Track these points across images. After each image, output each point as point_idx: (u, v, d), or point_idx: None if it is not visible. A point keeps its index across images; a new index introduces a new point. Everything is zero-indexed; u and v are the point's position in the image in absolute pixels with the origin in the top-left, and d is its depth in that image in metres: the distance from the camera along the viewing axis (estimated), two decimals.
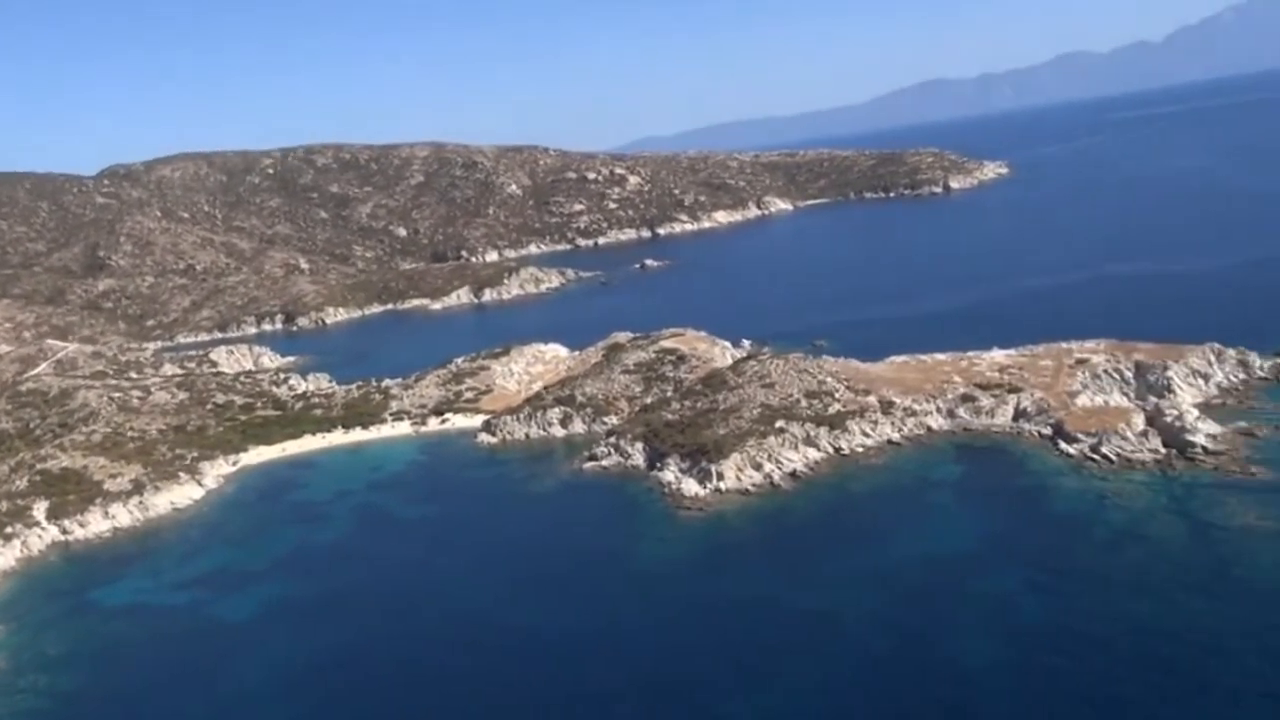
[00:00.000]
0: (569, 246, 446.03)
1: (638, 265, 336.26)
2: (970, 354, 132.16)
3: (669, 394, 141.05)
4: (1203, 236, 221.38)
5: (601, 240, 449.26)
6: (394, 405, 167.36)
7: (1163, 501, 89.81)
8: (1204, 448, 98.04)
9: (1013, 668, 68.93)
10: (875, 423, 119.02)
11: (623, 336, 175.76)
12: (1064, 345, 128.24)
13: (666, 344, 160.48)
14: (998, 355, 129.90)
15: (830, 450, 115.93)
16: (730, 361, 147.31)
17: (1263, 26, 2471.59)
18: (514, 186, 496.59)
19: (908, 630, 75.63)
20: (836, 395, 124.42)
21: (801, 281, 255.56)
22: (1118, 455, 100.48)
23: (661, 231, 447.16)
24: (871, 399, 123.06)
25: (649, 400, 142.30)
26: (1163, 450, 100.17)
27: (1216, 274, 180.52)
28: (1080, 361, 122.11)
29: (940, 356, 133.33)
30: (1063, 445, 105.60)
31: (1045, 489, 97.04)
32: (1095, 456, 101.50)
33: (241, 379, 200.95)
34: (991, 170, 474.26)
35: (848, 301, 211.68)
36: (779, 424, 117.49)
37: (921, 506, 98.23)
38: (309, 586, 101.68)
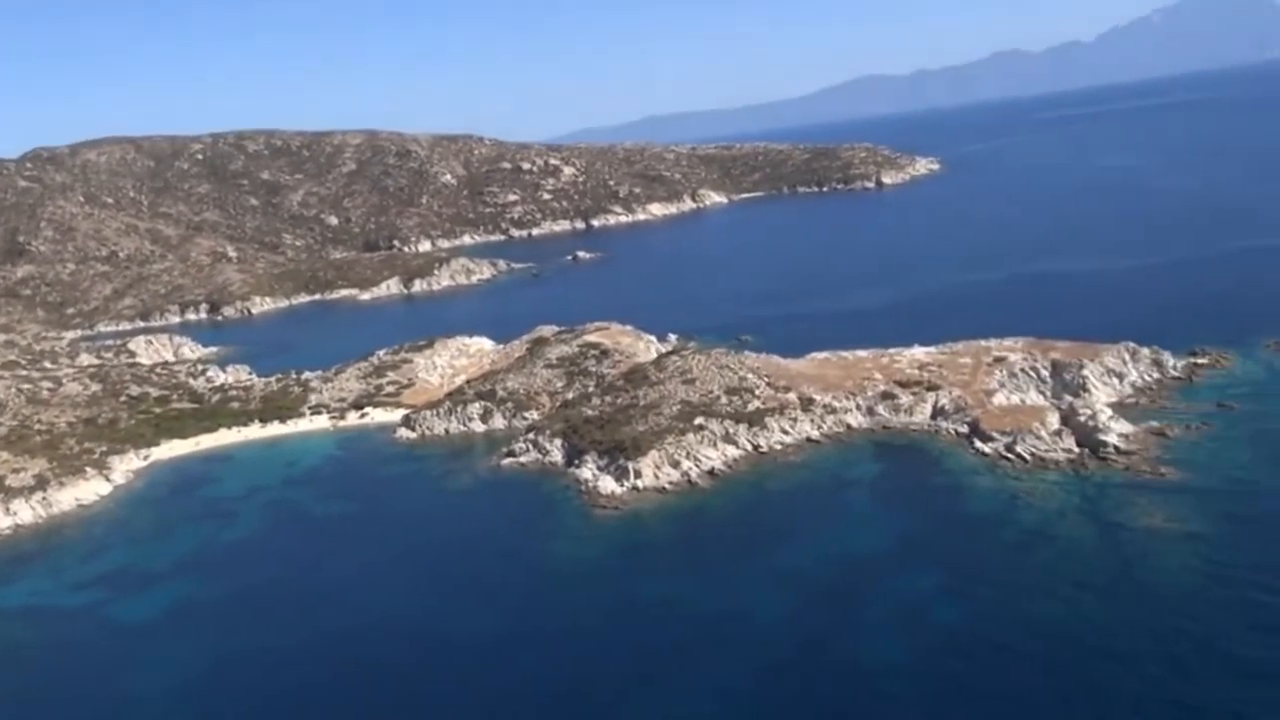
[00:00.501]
0: (503, 237, 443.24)
1: (570, 257, 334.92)
2: (892, 350, 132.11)
3: (591, 389, 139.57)
4: (1124, 235, 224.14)
5: (535, 231, 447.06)
6: (313, 399, 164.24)
7: (1074, 502, 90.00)
8: (1116, 447, 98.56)
9: (919, 672, 68.40)
10: (795, 420, 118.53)
11: (547, 330, 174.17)
12: (983, 343, 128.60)
13: (590, 338, 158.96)
14: (918, 352, 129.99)
15: (749, 448, 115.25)
16: (654, 356, 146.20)
17: (1189, 29, 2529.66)
18: (448, 176, 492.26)
19: (818, 632, 74.93)
20: (757, 392, 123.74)
21: (731, 275, 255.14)
22: (1032, 454, 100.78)
23: (596, 223, 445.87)
24: (792, 396, 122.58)
25: (570, 395, 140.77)
26: (1076, 450, 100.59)
27: (1135, 272, 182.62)
28: (998, 359, 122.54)
29: (862, 353, 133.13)
30: (978, 444, 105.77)
31: (960, 488, 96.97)
32: (1010, 456, 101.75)
33: (158, 370, 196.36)
34: (923, 166, 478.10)
35: (776, 296, 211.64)
36: (698, 421, 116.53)
37: (837, 506, 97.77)
38: (214, 587, 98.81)
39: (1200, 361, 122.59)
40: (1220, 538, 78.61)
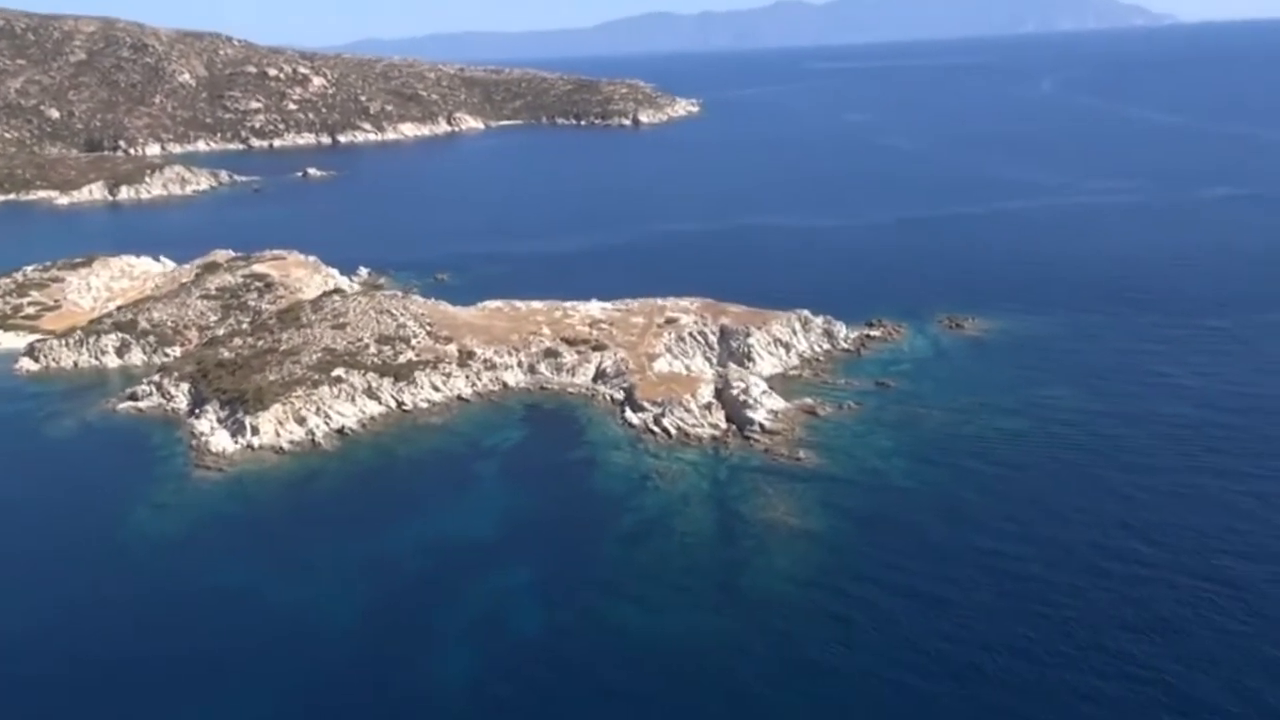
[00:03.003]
0: (241, 146, 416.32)
1: (300, 173, 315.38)
2: (568, 304, 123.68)
3: (244, 326, 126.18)
4: (843, 193, 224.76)
5: (277, 143, 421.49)
6: None
7: (703, 487, 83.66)
8: (762, 426, 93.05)
9: (474, 692, 60.23)
10: (448, 375, 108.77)
11: (222, 255, 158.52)
12: (659, 301, 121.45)
13: (260, 268, 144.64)
14: (594, 307, 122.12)
15: (392, 404, 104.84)
16: (318, 294, 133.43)
17: None
18: (187, 75, 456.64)
19: (381, 636, 65.40)
20: (414, 342, 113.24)
21: (456, 207, 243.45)
22: (678, 429, 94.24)
23: (343, 139, 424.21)
24: (451, 348, 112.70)
25: (221, 332, 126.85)
26: (724, 426, 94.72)
27: (841, 232, 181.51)
28: (670, 321, 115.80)
29: (536, 304, 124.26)
30: (629, 414, 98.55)
31: (595, 464, 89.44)
32: (656, 429, 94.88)
33: None
34: (683, 107, 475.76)
35: (493, 232, 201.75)
36: (338, 372, 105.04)
37: (461, 479, 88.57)
38: None
39: (873, 334, 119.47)
40: (831, 539, 73.34)
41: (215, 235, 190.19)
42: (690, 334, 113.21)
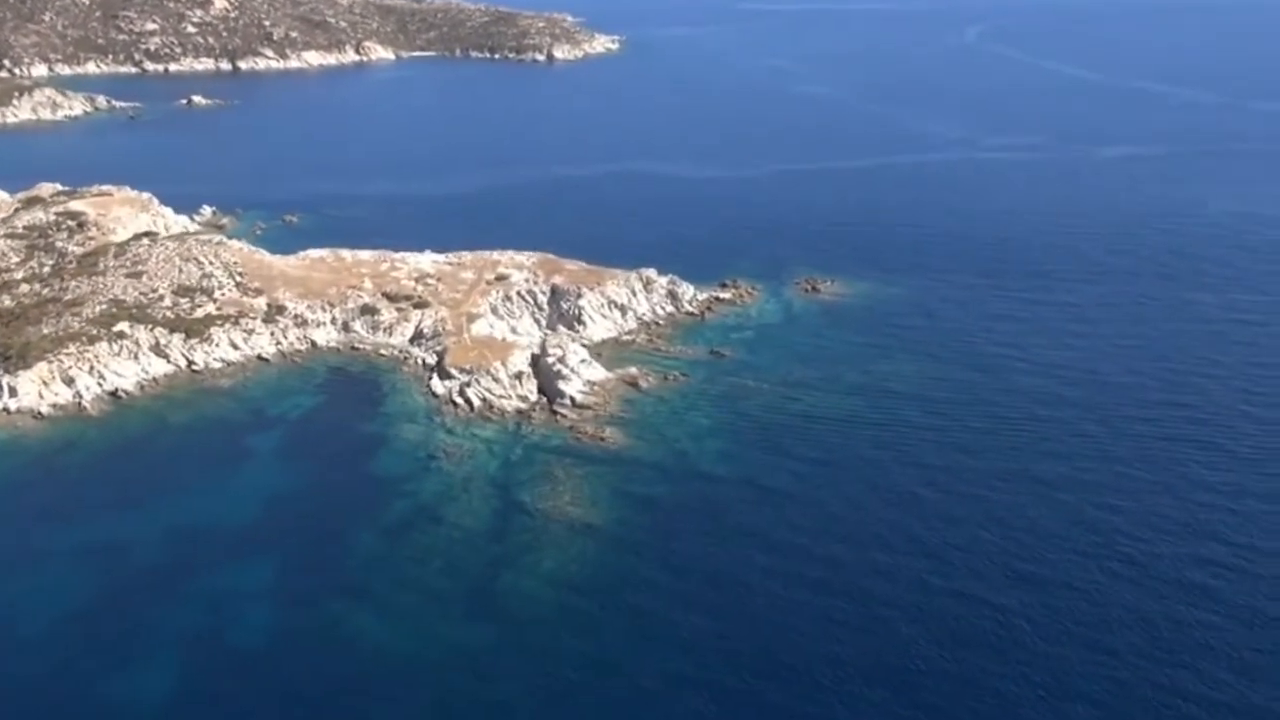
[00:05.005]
0: (135, 70, 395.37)
1: (184, 101, 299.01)
2: (398, 255, 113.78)
3: (45, 270, 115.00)
4: (750, 143, 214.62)
5: (174, 67, 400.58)
6: None
7: (491, 470, 75.43)
8: (573, 399, 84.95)
9: (171, 712, 52.05)
10: (250, 332, 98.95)
11: (47, 189, 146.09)
12: (494, 255, 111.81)
13: (78, 205, 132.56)
14: (425, 260, 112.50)
15: (182, 364, 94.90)
16: (129, 236, 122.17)
17: None
18: None
19: (84, 639, 57.07)
20: (218, 294, 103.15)
21: (340, 143, 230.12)
22: (483, 400, 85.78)
23: (243, 66, 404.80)
24: (260, 302, 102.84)
25: (19, 276, 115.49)
26: (534, 398, 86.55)
27: (728, 183, 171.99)
28: (500, 278, 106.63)
29: (364, 255, 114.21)
30: (435, 381, 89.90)
31: (384, 440, 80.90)
32: (460, 400, 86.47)
33: None
34: (601, 44, 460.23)
35: (368, 171, 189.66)
36: (121, 327, 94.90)
37: (232, 452, 79.52)
38: None
39: (723, 296, 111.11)
40: (608, 537, 65.68)
41: (66, 166, 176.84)
42: (519, 293, 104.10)
